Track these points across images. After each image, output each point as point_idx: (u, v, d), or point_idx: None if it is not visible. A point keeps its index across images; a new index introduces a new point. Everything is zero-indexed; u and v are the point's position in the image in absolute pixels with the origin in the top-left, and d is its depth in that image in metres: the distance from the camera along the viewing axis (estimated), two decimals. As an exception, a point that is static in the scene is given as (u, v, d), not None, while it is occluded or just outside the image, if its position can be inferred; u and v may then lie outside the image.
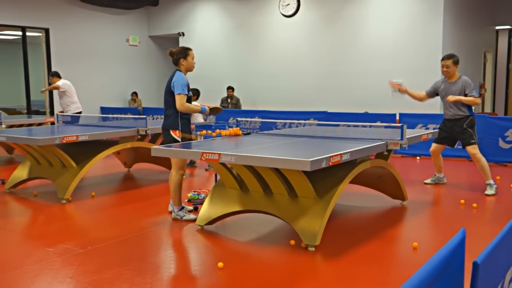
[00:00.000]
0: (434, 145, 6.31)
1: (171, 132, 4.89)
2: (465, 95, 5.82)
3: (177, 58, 4.87)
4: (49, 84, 8.97)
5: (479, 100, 5.87)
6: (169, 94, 4.86)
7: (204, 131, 6.21)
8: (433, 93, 6.20)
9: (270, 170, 4.05)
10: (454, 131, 5.98)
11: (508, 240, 1.81)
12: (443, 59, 5.98)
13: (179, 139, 4.87)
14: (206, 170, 7.92)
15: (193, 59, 4.93)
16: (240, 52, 12.89)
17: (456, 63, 5.90)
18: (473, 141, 5.86)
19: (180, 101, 4.77)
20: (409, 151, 8.59)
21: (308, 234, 3.98)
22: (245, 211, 4.52)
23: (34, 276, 3.57)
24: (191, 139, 5.02)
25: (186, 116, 4.93)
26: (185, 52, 4.89)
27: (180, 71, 4.89)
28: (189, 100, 4.93)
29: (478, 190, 6.03)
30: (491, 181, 5.87)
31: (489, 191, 5.83)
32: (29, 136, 5.70)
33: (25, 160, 6.41)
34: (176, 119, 4.87)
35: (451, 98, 5.81)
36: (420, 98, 6.29)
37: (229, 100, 12.30)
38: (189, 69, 4.93)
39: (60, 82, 8.89)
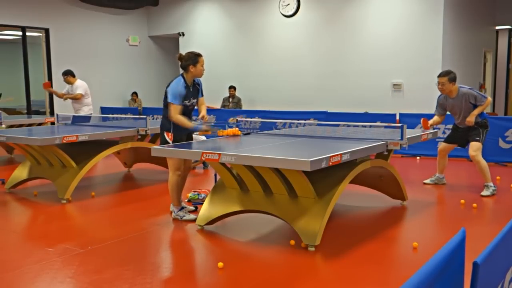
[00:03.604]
0: (443, 145, 6.28)
1: (164, 134, 4.88)
2: (473, 105, 5.80)
3: (186, 64, 4.77)
4: (67, 82, 8.73)
5: (489, 100, 5.83)
6: (165, 97, 4.84)
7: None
8: (443, 111, 6.09)
9: (270, 170, 4.05)
10: (466, 130, 5.98)
11: (508, 240, 1.81)
12: (439, 75, 5.85)
13: (170, 142, 4.84)
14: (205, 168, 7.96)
15: (202, 66, 4.82)
16: (240, 52, 12.89)
17: (452, 80, 5.78)
18: (478, 138, 5.84)
19: (172, 111, 4.71)
20: (409, 151, 8.58)
21: (308, 234, 3.98)
22: (245, 211, 4.52)
23: (34, 276, 3.57)
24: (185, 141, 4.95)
25: None
26: (196, 59, 4.76)
27: (183, 77, 4.81)
28: (185, 109, 4.82)
29: (478, 190, 6.03)
30: (490, 183, 5.86)
31: (485, 192, 5.82)
32: (29, 136, 5.70)
33: (25, 160, 6.41)
34: (169, 121, 4.83)
35: (470, 121, 5.78)
36: (438, 122, 6.13)
37: (230, 100, 12.31)
38: (197, 76, 4.85)
39: (79, 86, 8.58)
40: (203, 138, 6.69)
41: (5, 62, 14.79)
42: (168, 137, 4.84)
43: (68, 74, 8.64)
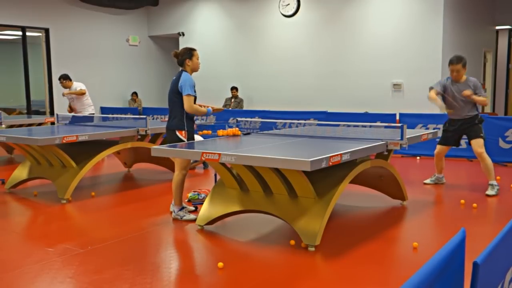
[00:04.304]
0: (439, 147, 6.26)
1: (177, 133, 4.88)
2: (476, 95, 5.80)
3: (182, 60, 4.89)
4: (64, 87, 8.71)
5: (488, 101, 5.85)
6: (176, 95, 4.84)
7: (205, 131, 6.21)
8: (442, 91, 5.97)
9: (270, 170, 4.05)
10: (462, 128, 5.96)
11: (508, 240, 1.81)
12: (451, 63, 5.81)
13: (185, 139, 4.87)
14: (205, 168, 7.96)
15: (198, 59, 4.96)
16: (240, 52, 12.89)
17: (465, 65, 5.83)
18: (482, 134, 5.85)
19: (188, 103, 4.78)
20: (409, 151, 8.59)
21: (308, 234, 3.98)
22: (245, 211, 4.52)
23: (34, 276, 3.57)
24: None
25: (191, 116, 4.93)
26: (190, 52, 4.90)
27: (186, 71, 4.89)
28: (194, 101, 4.94)
29: (478, 190, 6.03)
30: (494, 182, 5.85)
31: (490, 191, 5.82)
32: (29, 136, 5.70)
33: (25, 160, 6.41)
34: (182, 120, 4.87)
35: (467, 92, 5.67)
36: (435, 98, 5.91)
37: (232, 100, 12.31)
38: (195, 69, 4.94)
39: (79, 85, 8.59)
40: (200, 138, 6.70)
41: (5, 62, 14.78)
42: (182, 135, 4.88)
43: (67, 79, 8.55)
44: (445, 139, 6.19)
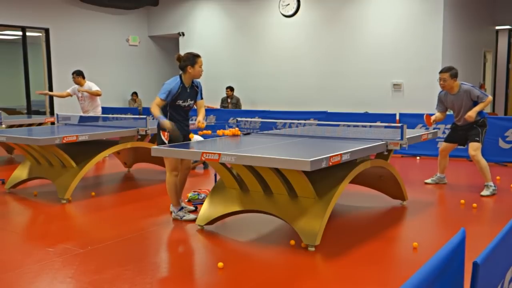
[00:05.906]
0: (444, 144, 6.29)
1: (161, 133, 4.86)
2: (474, 102, 5.80)
3: (184, 65, 4.74)
4: (76, 83, 8.57)
5: (490, 99, 5.81)
6: None
7: (205, 131, 6.20)
8: (444, 107, 6.11)
9: (270, 170, 4.05)
10: (465, 128, 5.97)
11: (508, 240, 1.81)
12: (440, 72, 5.88)
13: (166, 141, 4.81)
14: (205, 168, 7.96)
15: (200, 67, 4.78)
16: (240, 52, 12.89)
17: (453, 76, 5.79)
18: (477, 139, 5.83)
19: (153, 102, 4.73)
20: (409, 151, 8.58)
21: (308, 234, 3.98)
22: (245, 211, 4.52)
23: (34, 276, 3.57)
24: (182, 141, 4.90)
25: (177, 118, 4.84)
26: (194, 59, 4.73)
27: (181, 77, 4.79)
28: (179, 109, 4.82)
29: (478, 190, 6.02)
30: (490, 183, 5.86)
31: (485, 192, 5.82)
32: (29, 136, 5.70)
33: (25, 160, 6.41)
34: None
35: (471, 116, 5.72)
36: (441, 118, 6.16)
37: (229, 100, 12.31)
38: (195, 77, 4.82)
39: (92, 85, 8.45)
40: (201, 138, 6.68)
41: (5, 62, 14.79)
42: (164, 136, 4.82)
43: (80, 75, 8.41)
44: (451, 136, 6.21)
